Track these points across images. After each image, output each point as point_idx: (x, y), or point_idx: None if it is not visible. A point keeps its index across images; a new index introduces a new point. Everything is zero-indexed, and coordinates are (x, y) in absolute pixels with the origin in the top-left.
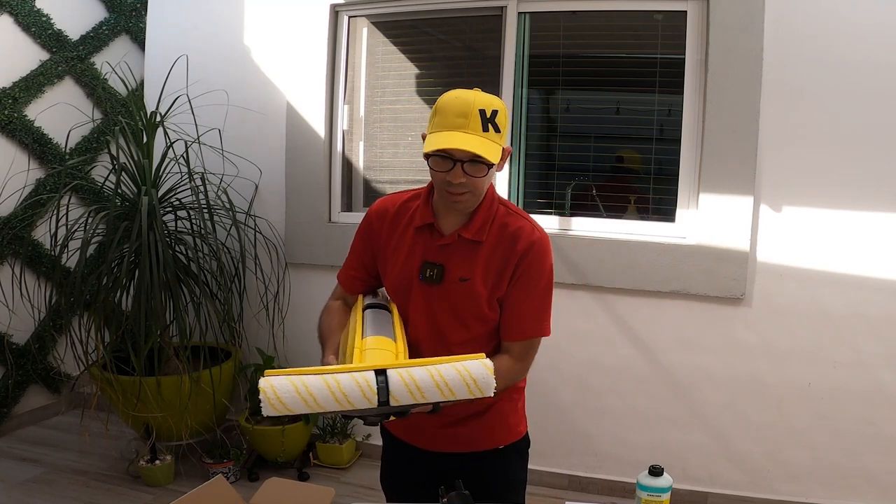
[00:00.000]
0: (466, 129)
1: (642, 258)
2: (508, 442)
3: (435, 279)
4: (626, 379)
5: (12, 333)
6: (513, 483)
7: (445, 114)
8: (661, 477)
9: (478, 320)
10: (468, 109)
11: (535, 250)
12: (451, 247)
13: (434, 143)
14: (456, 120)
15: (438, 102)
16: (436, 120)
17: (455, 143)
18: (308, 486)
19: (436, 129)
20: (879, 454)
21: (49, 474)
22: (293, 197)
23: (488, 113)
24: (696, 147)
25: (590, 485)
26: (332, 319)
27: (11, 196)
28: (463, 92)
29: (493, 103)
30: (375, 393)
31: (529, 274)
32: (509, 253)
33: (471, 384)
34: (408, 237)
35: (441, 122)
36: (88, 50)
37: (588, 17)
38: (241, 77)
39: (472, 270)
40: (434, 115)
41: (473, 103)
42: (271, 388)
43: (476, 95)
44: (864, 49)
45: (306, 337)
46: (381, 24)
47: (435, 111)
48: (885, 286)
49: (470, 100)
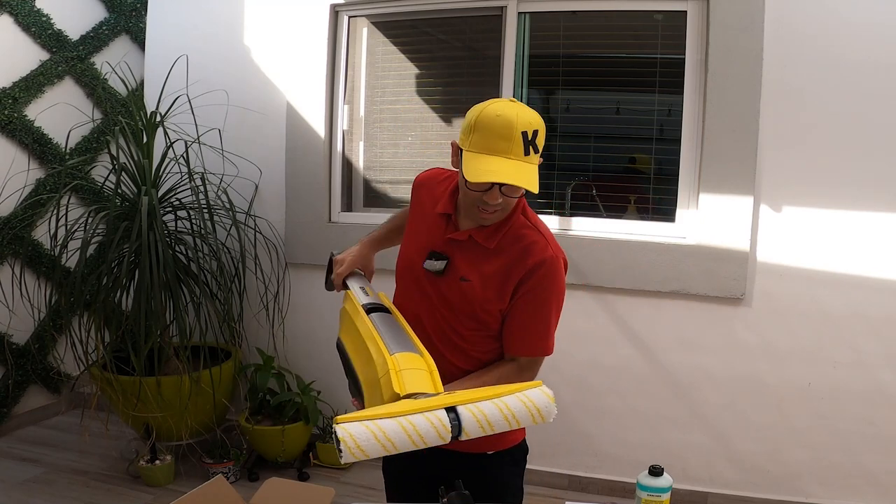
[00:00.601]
0: (509, 154)
1: (642, 258)
2: (499, 448)
3: (439, 272)
4: (626, 379)
5: (12, 333)
6: (504, 489)
7: (486, 134)
8: (661, 477)
9: (470, 319)
10: (511, 132)
11: (545, 268)
12: (461, 244)
13: (478, 174)
14: (498, 143)
15: (478, 117)
16: (474, 138)
17: (501, 175)
18: (308, 486)
19: (475, 148)
20: (879, 454)
21: (49, 474)
22: (293, 197)
23: (530, 134)
24: (696, 147)
25: (590, 485)
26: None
27: (11, 196)
28: (504, 107)
29: (532, 122)
30: (449, 431)
31: (537, 291)
32: (518, 265)
33: (535, 413)
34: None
35: (481, 142)
36: (88, 50)
37: (588, 17)
38: (241, 77)
39: (474, 273)
40: (472, 129)
41: (516, 125)
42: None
43: (518, 114)
44: (864, 49)
45: (306, 337)
46: (381, 24)
47: (472, 126)
48: (885, 286)
49: (512, 120)
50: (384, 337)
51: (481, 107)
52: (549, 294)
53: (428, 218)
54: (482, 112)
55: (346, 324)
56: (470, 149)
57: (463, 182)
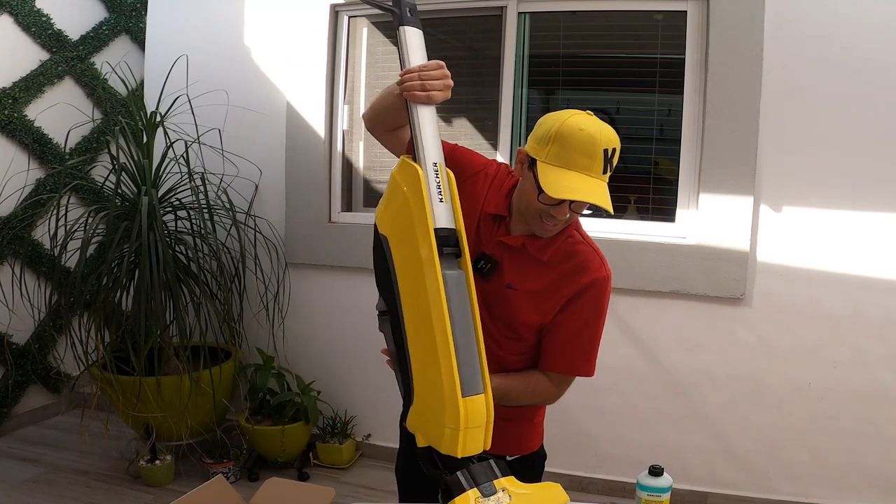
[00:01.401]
0: (590, 171)
1: (642, 258)
2: (517, 454)
3: (485, 274)
4: (627, 379)
5: (12, 333)
6: None
7: (567, 148)
8: (661, 477)
9: (508, 327)
10: (594, 150)
11: (598, 287)
12: (512, 249)
13: (558, 190)
14: (580, 159)
15: (559, 129)
16: (554, 150)
17: (581, 193)
18: (308, 486)
19: (554, 161)
20: (879, 454)
21: (49, 474)
22: (293, 197)
23: (610, 152)
24: (696, 147)
25: (590, 485)
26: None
27: (11, 196)
28: (586, 122)
29: (612, 139)
30: None
31: (586, 310)
32: (569, 282)
33: None
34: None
35: (562, 155)
36: (88, 50)
37: (588, 17)
38: (241, 77)
39: (521, 282)
40: (549, 140)
41: (599, 142)
42: None
43: (601, 131)
44: (864, 49)
45: (306, 337)
46: (381, 24)
47: (551, 137)
48: (885, 286)
49: (596, 136)
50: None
51: (560, 118)
52: (598, 314)
53: (475, 212)
54: (563, 123)
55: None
56: (547, 160)
57: (533, 192)
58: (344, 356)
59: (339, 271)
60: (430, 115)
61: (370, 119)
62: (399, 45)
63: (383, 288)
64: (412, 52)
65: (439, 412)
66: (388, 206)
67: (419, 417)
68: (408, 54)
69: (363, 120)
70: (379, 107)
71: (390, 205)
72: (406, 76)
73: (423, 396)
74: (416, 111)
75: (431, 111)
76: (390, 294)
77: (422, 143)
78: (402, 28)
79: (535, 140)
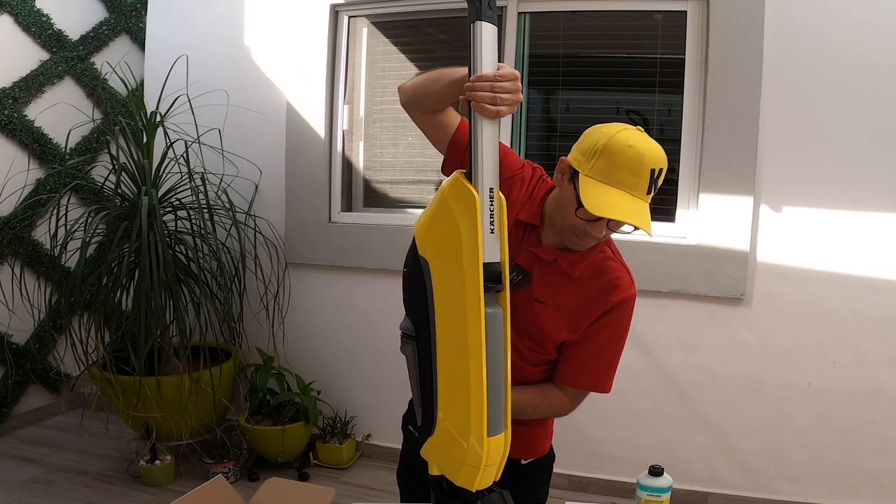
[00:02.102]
0: (635, 190)
1: (642, 258)
2: (531, 457)
3: (514, 285)
4: (627, 379)
5: (12, 333)
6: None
7: (614, 164)
8: (662, 477)
9: (532, 339)
10: (641, 168)
11: (626, 306)
12: (540, 260)
13: (601, 208)
14: (626, 177)
15: (607, 143)
16: (599, 164)
17: (625, 214)
18: (308, 486)
19: (598, 176)
20: (879, 454)
21: (49, 474)
22: (293, 197)
23: (657, 172)
24: (696, 147)
25: (590, 485)
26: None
27: (11, 196)
28: (635, 138)
29: (661, 159)
30: None
31: (611, 328)
32: (600, 301)
33: None
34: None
35: (607, 171)
36: (88, 50)
37: (588, 17)
38: (241, 77)
39: (550, 296)
40: (596, 154)
41: (647, 161)
42: None
43: (650, 149)
44: (864, 48)
45: (306, 337)
46: (381, 24)
47: (598, 150)
48: (885, 286)
49: (645, 155)
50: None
51: (609, 131)
52: (622, 331)
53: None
54: (612, 138)
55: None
56: (591, 175)
57: (571, 206)
58: (344, 356)
59: (339, 271)
60: (494, 133)
61: (410, 98)
62: (471, 42)
63: (413, 310)
64: (485, 54)
65: (461, 449)
66: (432, 226)
67: (437, 449)
68: (480, 55)
69: (399, 92)
70: (425, 91)
71: (436, 226)
72: (477, 84)
73: (445, 430)
74: (480, 125)
75: (496, 127)
76: (423, 319)
77: (481, 163)
78: (479, 23)
79: (580, 152)
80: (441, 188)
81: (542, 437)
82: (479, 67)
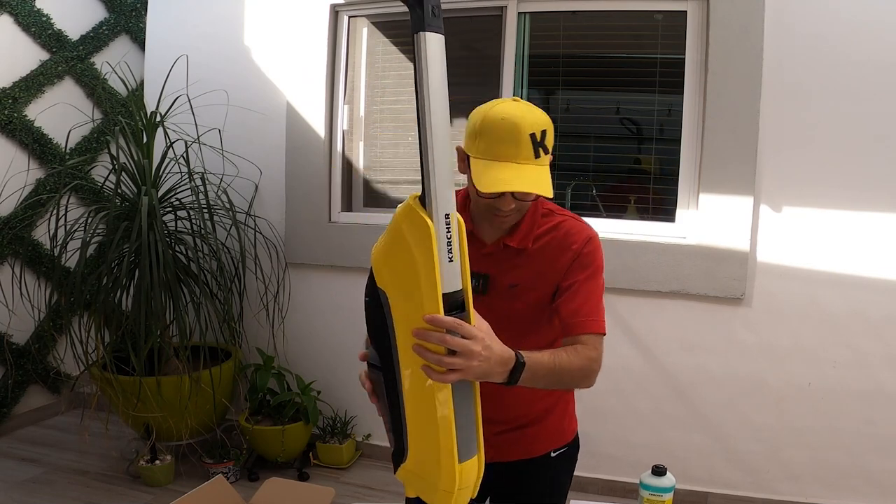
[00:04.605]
0: (518, 158)
1: (642, 258)
2: (560, 445)
3: (480, 290)
4: (626, 379)
5: (12, 333)
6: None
7: (492, 139)
8: (665, 477)
9: (532, 323)
10: (518, 136)
11: (591, 244)
12: (494, 255)
13: (489, 184)
14: (507, 149)
15: (481, 121)
16: (481, 144)
17: (513, 184)
18: (308, 486)
19: (482, 155)
20: (879, 454)
21: (49, 474)
22: (293, 197)
23: (538, 136)
24: (696, 147)
25: (590, 485)
26: None
27: (11, 196)
28: (508, 109)
29: (538, 121)
30: None
31: (590, 269)
32: (564, 252)
33: None
34: None
35: (488, 148)
36: (88, 50)
37: (588, 17)
38: (241, 77)
39: (520, 276)
40: (476, 134)
41: (523, 127)
42: None
43: (523, 116)
44: (864, 49)
45: (306, 337)
46: (381, 24)
47: (477, 130)
48: (885, 286)
49: (518, 123)
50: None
51: (484, 109)
52: (597, 270)
53: None
54: (486, 115)
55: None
56: (477, 155)
57: (474, 190)
58: (344, 356)
59: (339, 271)
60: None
61: None
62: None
63: (377, 342)
64: (432, 70)
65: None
66: (388, 256)
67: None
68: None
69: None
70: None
71: (391, 257)
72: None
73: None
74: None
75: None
76: (386, 351)
77: (435, 188)
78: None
79: (466, 136)
80: (395, 215)
81: (569, 420)
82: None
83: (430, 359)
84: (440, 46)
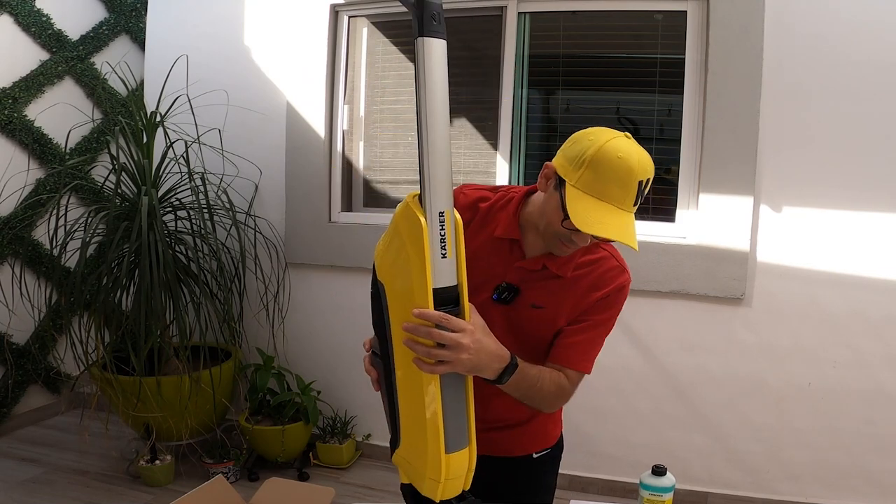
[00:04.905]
0: (622, 204)
1: (642, 258)
2: (542, 448)
3: (507, 301)
4: (626, 379)
5: (12, 333)
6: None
7: (602, 176)
8: (665, 476)
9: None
10: (630, 181)
11: (621, 293)
12: (530, 271)
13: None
14: (614, 190)
15: (596, 153)
16: (587, 176)
17: (611, 231)
18: (308, 486)
19: (585, 188)
20: (879, 454)
21: (49, 474)
22: (293, 197)
23: (644, 184)
24: (696, 147)
25: (590, 485)
26: None
27: (11, 196)
28: (623, 146)
29: (649, 169)
30: None
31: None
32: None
33: None
34: (486, 245)
35: (594, 184)
36: (88, 50)
37: (588, 17)
38: (241, 77)
39: (547, 300)
40: (583, 164)
41: (636, 173)
42: None
43: (639, 161)
44: (864, 49)
45: (306, 337)
46: (381, 24)
47: (587, 161)
48: (885, 286)
49: (634, 167)
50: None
51: (597, 140)
52: (613, 315)
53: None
54: (601, 148)
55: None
56: (577, 185)
57: (557, 214)
58: (344, 356)
59: (339, 271)
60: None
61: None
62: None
63: (378, 331)
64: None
65: (422, 463)
66: (387, 250)
67: (403, 461)
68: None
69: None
70: None
71: (389, 250)
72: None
73: (408, 445)
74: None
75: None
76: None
77: (429, 186)
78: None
79: (567, 159)
80: (395, 212)
81: (553, 425)
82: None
83: (419, 351)
84: (442, 51)
